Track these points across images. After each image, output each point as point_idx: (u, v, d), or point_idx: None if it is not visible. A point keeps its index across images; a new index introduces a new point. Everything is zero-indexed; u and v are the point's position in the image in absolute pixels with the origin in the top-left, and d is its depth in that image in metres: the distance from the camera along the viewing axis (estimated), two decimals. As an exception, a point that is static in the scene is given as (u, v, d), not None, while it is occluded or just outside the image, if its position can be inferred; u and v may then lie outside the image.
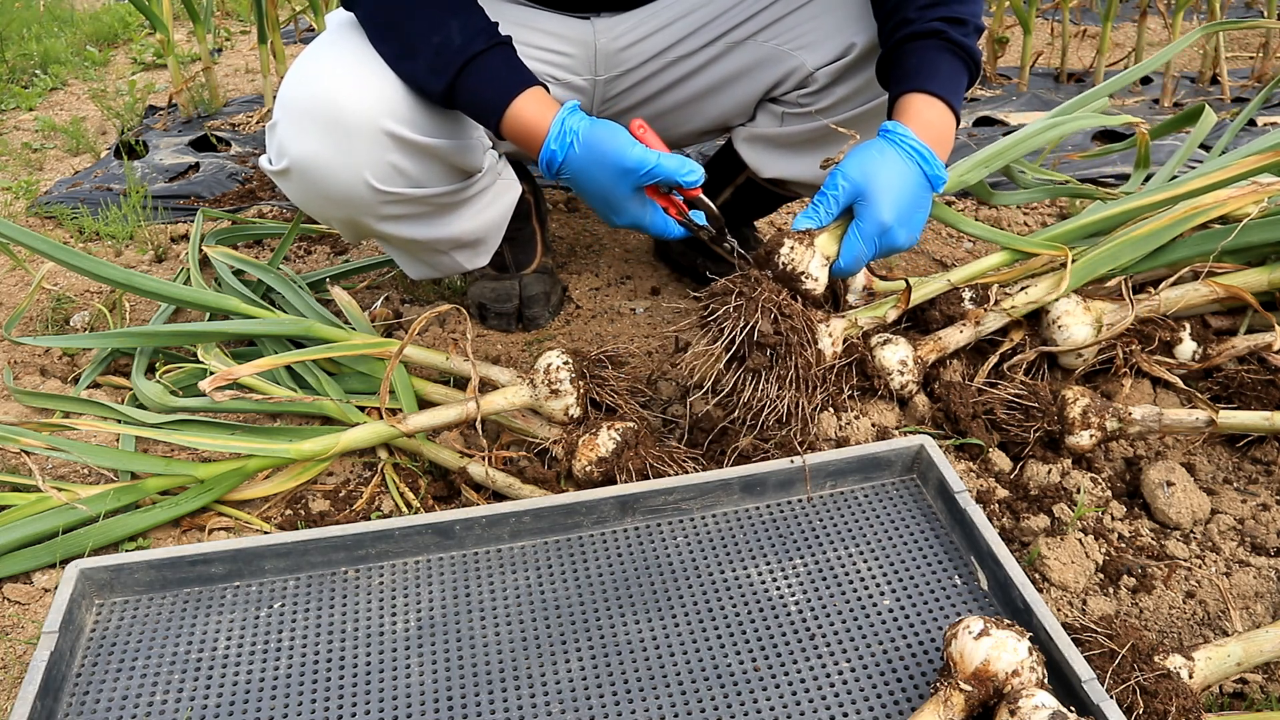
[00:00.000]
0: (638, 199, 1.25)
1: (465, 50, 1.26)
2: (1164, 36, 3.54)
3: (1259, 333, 1.48)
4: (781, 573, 1.09)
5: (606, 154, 1.22)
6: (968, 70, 1.31)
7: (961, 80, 1.31)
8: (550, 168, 1.26)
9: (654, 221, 1.28)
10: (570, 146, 1.24)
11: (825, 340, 1.31)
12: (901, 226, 1.22)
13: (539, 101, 1.27)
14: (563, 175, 1.27)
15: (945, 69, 1.29)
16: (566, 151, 1.24)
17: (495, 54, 1.28)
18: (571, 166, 1.25)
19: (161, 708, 0.98)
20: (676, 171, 1.22)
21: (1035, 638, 0.93)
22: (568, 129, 1.24)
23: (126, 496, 1.31)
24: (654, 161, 1.21)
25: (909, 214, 1.23)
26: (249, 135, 2.84)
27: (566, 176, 1.27)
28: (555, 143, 1.24)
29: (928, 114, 1.26)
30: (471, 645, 1.03)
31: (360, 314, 1.66)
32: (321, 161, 1.32)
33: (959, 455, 1.35)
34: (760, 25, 1.56)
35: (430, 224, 1.49)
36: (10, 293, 1.99)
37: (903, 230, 1.23)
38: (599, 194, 1.26)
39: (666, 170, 1.21)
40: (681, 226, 1.28)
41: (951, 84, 1.29)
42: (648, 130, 1.26)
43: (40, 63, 3.56)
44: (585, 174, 1.24)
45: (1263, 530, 1.26)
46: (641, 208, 1.26)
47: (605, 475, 1.25)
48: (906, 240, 1.24)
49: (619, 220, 1.28)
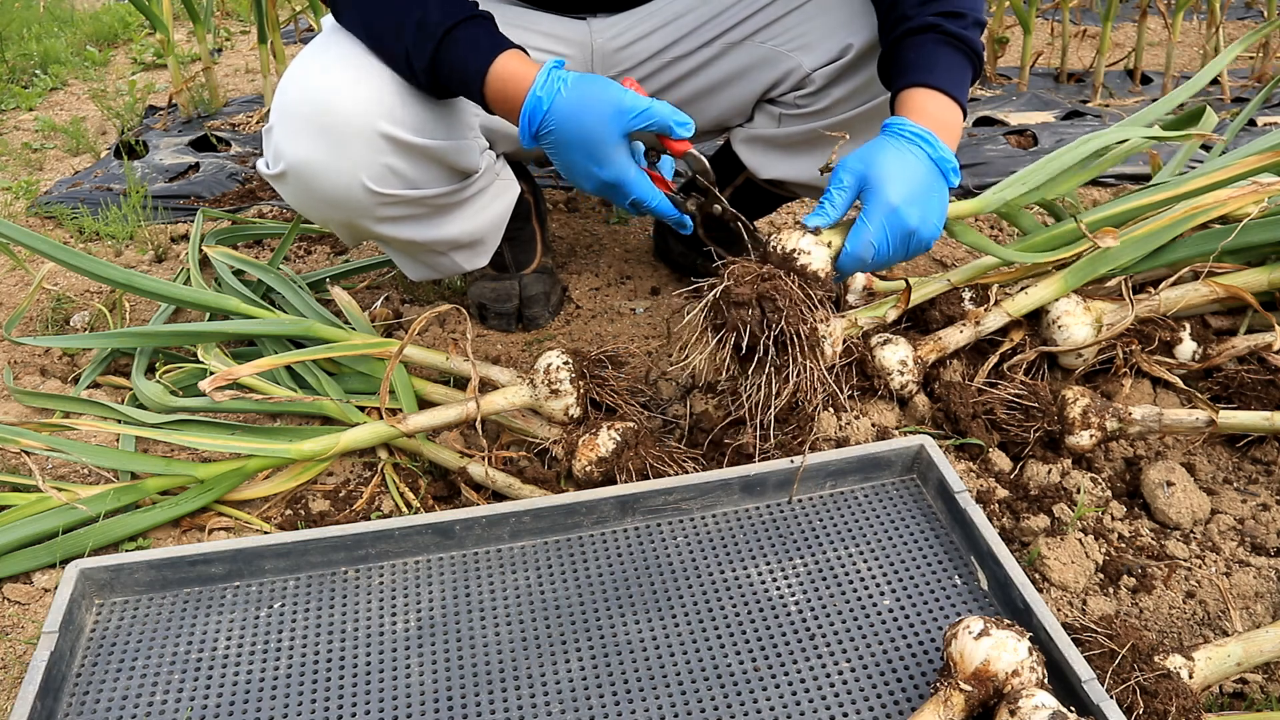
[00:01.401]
0: (625, 150, 1.20)
1: (443, 23, 1.25)
2: (1164, 36, 3.54)
3: (1259, 333, 1.48)
4: (781, 573, 1.09)
5: (598, 95, 1.18)
6: (969, 63, 1.29)
7: (963, 73, 1.29)
8: (533, 120, 1.21)
9: (638, 181, 1.22)
10: (558, 92, 1.19)
11: (825, 340, 1.31)
12: (912, 206, 1.15)
13: (521, 60, 1.24)
14: (546, 128, 1.21)
15: (944, 62, 1.27)
16: (553, 98, 1.19)
17: (474, 24, 1.26)
18: (557, 113, 1.19)
19: (161, 708, 0.98)
20: (669, 117, 1.18)
21: (1035, 638, 0.93)
22: (555, 77, 1.20)
23: (126, 496, 1.31)
24: (647, 104, 1.18)
25: (918, 195, 1.17)
26: (249, 135, 2.84)
27: (550, 129, 1.21)
28: (542, 89, 1.20)
29: (928, 106, 1.24)
30: (471, 645, 1.03)
31: (360, 314, 1.66)
32: (317, 165, 1.32)
33: (959, 455, 1.35)
34: (757, 26, 1.55)
35: (428, 225, 1.49)
36: (10, 293, 1.99)
37: (913, 210, 1.16)
38: (583, 142, 1.19)
39: (660, 114, 1.18)
40: (670, 204, 1.24)
41: (951, 76, 1.26)
42: (639, 87, 1.23)
43: (40, 63, 3.56)
44: (571, 120, 1.19)
45: (1263, 530, 1.26)
46: (628, 161, 1.21)
47: (605, 475, 1.25)
48: (921, 222, 1.17)
49: (602, 173, 1.21)
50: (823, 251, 1.16)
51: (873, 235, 1.16)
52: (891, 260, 1.20)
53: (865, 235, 1.16)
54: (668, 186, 1.26)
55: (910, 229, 1.17)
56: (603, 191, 1.25)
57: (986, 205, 1.36)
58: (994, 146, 2.58)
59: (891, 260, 1.20)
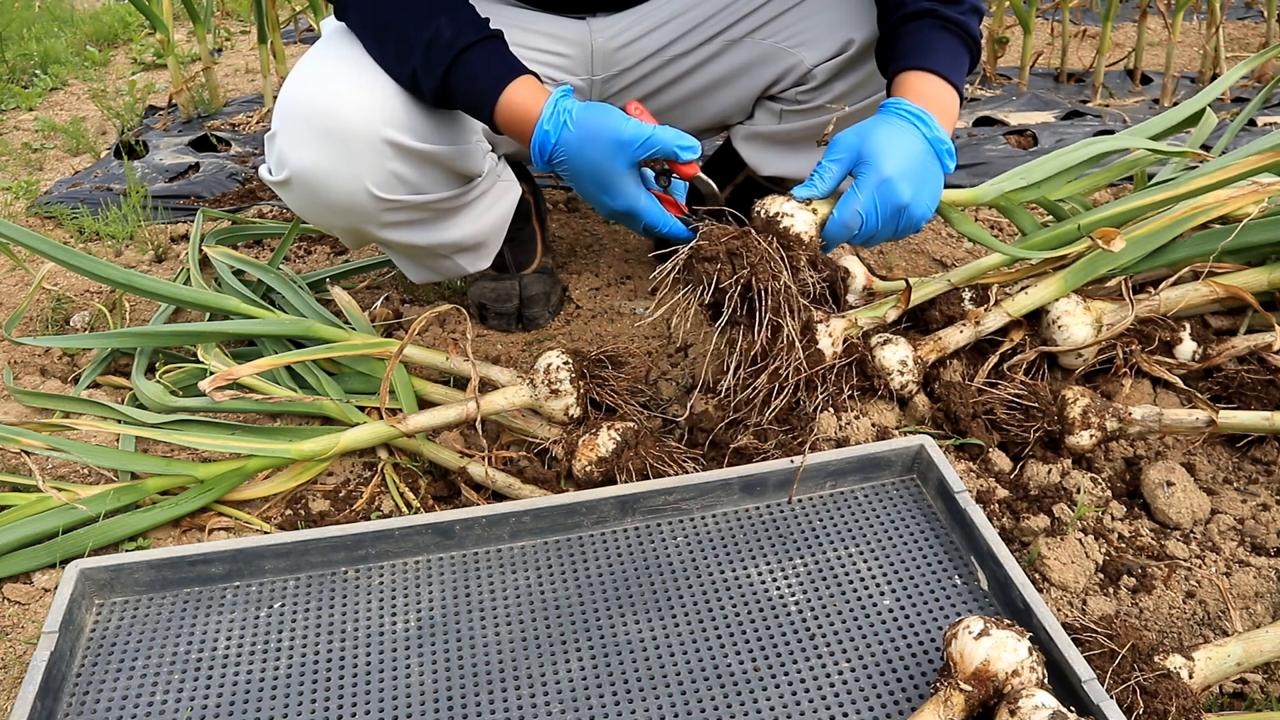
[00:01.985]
0: (633, 179, 1.22)
1: (454, 44, 1.25)
2: (1164, 36, 3.54)
3: (1259, 333, 1.48)
4: (781, 573, 1.09)
5: (601, 128, 1.19)
6: (966, 47, 1.29)
7: (959, 57, 1.28)
8: (543, 151, 1.23)
9: (649, 208, 1.24)
10: (564, 125, 1.21)
11: (825, 340, 1.31)
12: (904, 180, 1.15)
13: (531, 88, 1.25)
14: (556, 159, 1.23)
15: (939, 45, 1.27)
16: (560, 131, 1.21)
17: (485, 46, 1.27)
18: (565, 146, 1.22)
19: (161, 708, 0.98)
20: (673, 143, 1.18)
21: (1035, 638, 0.93)
22: (561, 109, 1.22)
23: (126, 496, 1.31)
24: (649, 132, 1.18)
25: (912, 171, 1.16)
26: (249, 135, 2.84)
27: (560, 159, 1.23)
28: (549, 123, 1.21)
29: (924, 88, 1.24)
30: (471, 645, 1.03)
31: (360, 314, 1.66)
32: (322, 172, 1.32)
33: (959, 455, 1.35)
34: (758, 23, 1.56)
35: (432, 229, 1.49)
36: (10, 293, 1.99)
37: (905, 184, 1.15)
38: (592, 174, 1.22)
39: (662, 141, 1.18)
40: (682, 224, 1.25)
41: (945, 59, 1.26)
42: (643, 111, 1.24)
43: (40, 63, 3.56)
44: (579, 153, 1.21)
45: (1263, 530, 1.26)
46: (637, 189, 1.23)
47: (605, 475, 1.25)
48: (913, 199, 1.16)
49: (613, 203, 1.24)
50: (807, 216, 1.15)
51: (862, 204, 1.15)
52: (880, 234, 1.19)
53: (854, 204, 1.15)
54: (680, 209, 1.26)
55: (902, 203, 1.16)
56: (616, 219, 1.27)
57: (983, 196, 1.37)
58: (994, 146, 2.58)
59: (880, 234, 1.19)
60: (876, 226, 1.18)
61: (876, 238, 1.20)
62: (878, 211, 1.16)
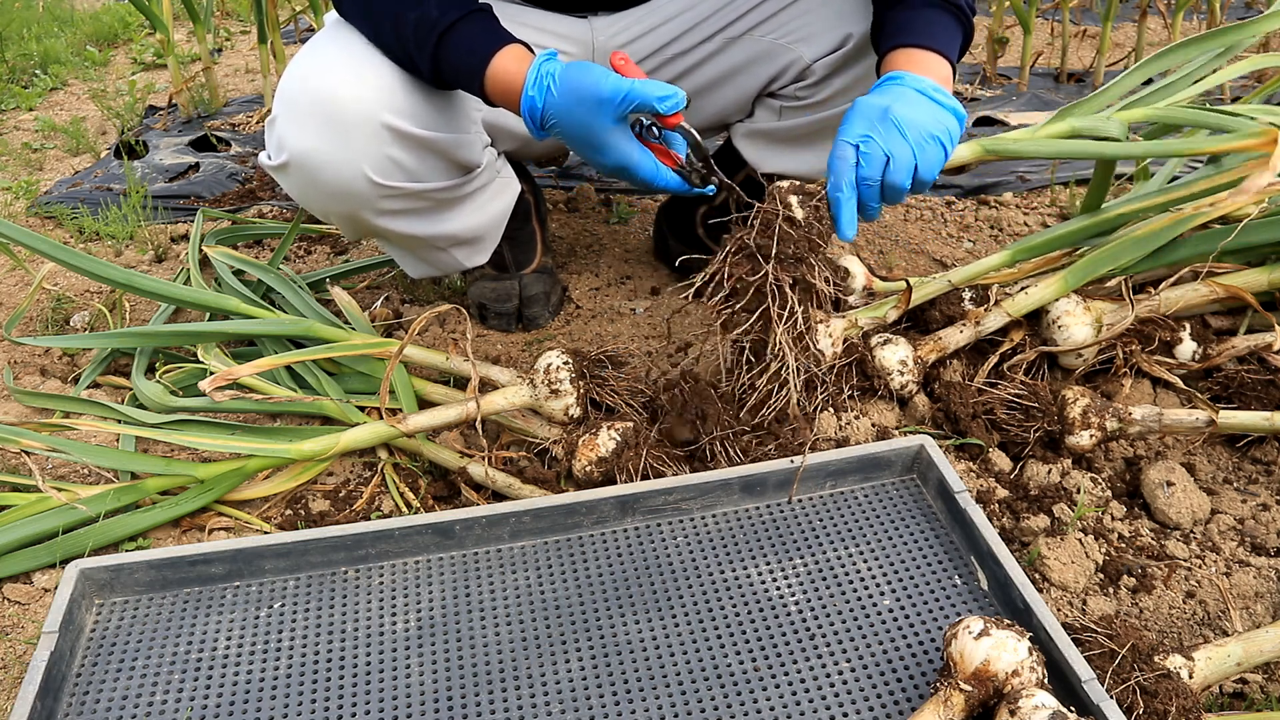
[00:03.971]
0: (622, 134, 1.21)
1: (441, 20, 1.26)
2: (1164, 36, 3.54)
3: (1259, 333, 1.48)
4: (781, 573, 1.09)
5: (581, 87, 1.19)
6: (958, 22, 1.29)
7: (951, 31, 1.28)
8: (534, 117, 1.23)
9: (642, 163, 1.22)
10: (548, 90, 1.21)
11: (825, 340, 1.31)
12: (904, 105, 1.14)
13: (517, 56, 1.25)
14: (548, 123, 1.23)
15: (935, 22, 1.27)
16: (545, 95, 1.21)
17: (472, 20, 1.27)
18: (552, 110, 1.21)
19: (161, 708, 0.98)
20: (653, 95, 1.17)
21: (1035, 638, 0.93)
22: (544, 73, 1.22)
23: (126, 496, 1.31)
24: (628, 87, 1.17)
25: (913, 114, 1.15)
26: (249, 135, 2.84)
27: (551, 123, 1.23)
28: (533, 88, 1.22)
29: (922, 62, 1.24)
30: (471, 645, 1.03)
31: (360, 314, 1.66)
32: (320, 156, 1.33)
33: (959, 455, 1.35)
34: (757, 20, 1.56)
35: (429, 220, 1.49)
36: (10, 293, 1.99)
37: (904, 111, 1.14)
38: (582, 134, 1.21)
39: (641, 95, 1.17)
40: (677, 176, 1.24)
41: (935, 32, 1.26)
42: (629, 62, 1.22)
43: (40, 63, 3.56)
44: (566, 115, 1.21)
45: (1263, 530, 1.26)
46: (629, 144, 1.21)
47: (605, 475, 1.25)
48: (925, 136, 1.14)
49: (606, 160, 1.23)
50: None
51: (862, 120, 1.15)
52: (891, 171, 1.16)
53: (853, 116, 1.16)
54: (673, 160, 1.25)
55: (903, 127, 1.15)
56: (614, 175, 1.26)
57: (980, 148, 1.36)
58: (994, 146, 2.57)
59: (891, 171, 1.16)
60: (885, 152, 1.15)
61: (884, 172, 1.16)
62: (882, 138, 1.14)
